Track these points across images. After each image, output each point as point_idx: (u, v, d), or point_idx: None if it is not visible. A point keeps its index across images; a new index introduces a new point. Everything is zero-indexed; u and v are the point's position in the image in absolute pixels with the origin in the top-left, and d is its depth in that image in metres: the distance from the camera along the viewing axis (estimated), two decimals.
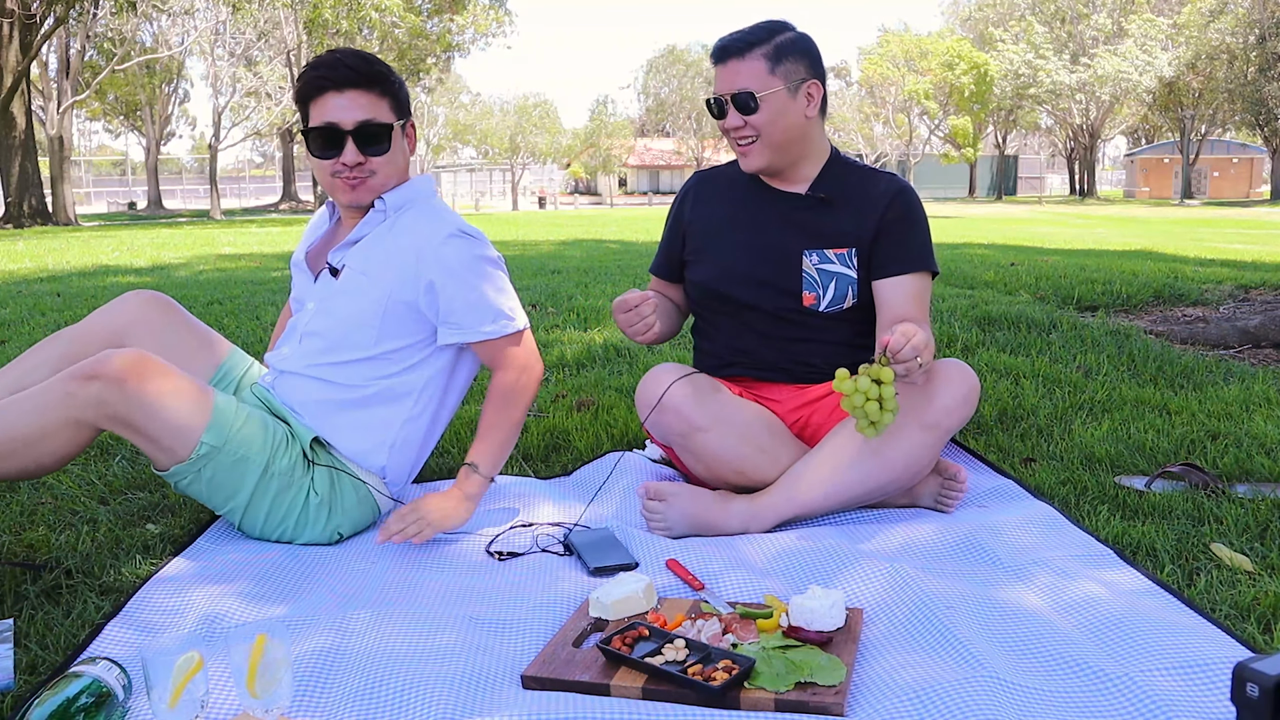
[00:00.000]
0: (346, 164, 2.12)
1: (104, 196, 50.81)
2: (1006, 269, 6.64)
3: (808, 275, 2.28)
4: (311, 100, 2.13)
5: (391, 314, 2.17)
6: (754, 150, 2.25)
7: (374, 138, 2.13)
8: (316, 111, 2.13)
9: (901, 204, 2.31)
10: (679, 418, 2.18)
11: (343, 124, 2.10)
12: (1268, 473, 2.41)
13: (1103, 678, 1.47)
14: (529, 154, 46.13)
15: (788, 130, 2.23)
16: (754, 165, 2.28)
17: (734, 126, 2.23)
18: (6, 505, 2.36)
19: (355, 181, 2.15)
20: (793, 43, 2.22)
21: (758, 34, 2.21)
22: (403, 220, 2.21)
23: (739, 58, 2.20)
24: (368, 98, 2.12)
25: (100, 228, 20.78)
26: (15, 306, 5.90)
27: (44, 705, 1.33)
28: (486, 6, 32.88)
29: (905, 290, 2.25)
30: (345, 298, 2.19)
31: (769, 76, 2.19)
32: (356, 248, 2.21)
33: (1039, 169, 62.84)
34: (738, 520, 2.17)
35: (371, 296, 2.16)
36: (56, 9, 21.35)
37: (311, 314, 2.23)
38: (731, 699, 1.43)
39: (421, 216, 2.22)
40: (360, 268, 2.19)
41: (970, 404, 2.14)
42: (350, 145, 2.11)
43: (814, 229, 2.30)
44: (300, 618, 1.77)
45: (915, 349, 1.90)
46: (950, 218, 23.02)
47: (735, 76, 2.20)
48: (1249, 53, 36.28)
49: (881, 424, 1.93)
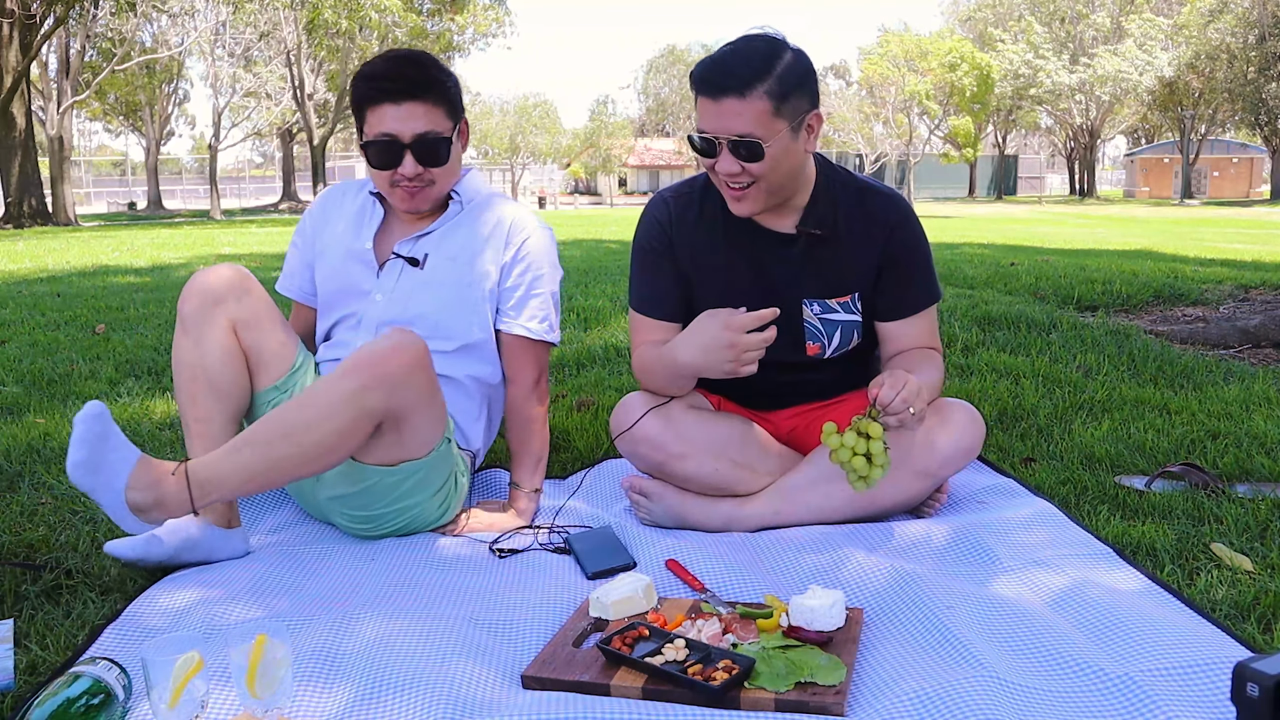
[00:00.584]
0: (406, 175, 2.14)
1: (104, 196, 50.80)
2: (1006, 269, 6.64)
3: (810, 325, 2.15)
4: (368, 109, 2.13)
5: (488, 301, 2.25)
6: (750, 196, 2.00)
7: (432, 149, 2.14)
8: (374, 121, 2.12)
9: (903, 236, 2.13)
10: (653, 448, 2.16)
11: (401, 136, 2.11)
12: (1268, 473, 2.41)
13: (1103, 678, 1.47)
14: (529, 154, 46.10)
15: (789, 172, 2.00)
16: (747, 211, 2.03)
17: (730, 173, 1.95)
18: (6, 505, 2.36)
19: (414, 190, 2.17)
20: (794, 72, 1.92)
21: (758, 66, 1.89)
22: (480, 207, 2.28)
23: (739, 96, 1.88)
24: (424, 107, 2.12)
25: (100, 228, 20.77)
26: (15, 306, 5.90)
27: (44, 705, 1.33)
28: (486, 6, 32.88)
29: (914, 329, 2.17)
30: (437, 288, 2.21)
31: (773, 120, 1.90)
32: (431, 238, 2.24)
33: (1039, 169, 62.83)
34: (720, 520, 2.17)
35: (467, 281, 2.23)
36: (56, 9, 21.36)
37: (384, 305, 2.22)
38: (731, 699, 1.43)
39: (503, 202, 2.32)
40: (449, 254, 2.23)
41: (973, 452, 2.11)
42: (409, 158, 2.12)
43: (812, 275, 2.12)
44: (300, 618, 1.77)
45: (906, 400, 1.83)
46: (950, 218, 23.02)
47: (734, 119, 1.90)
48: (1249, 53, 36.27)
49: (871, 479, 1.88)
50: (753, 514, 2.17)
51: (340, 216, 2.34)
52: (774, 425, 2.30)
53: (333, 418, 1.85)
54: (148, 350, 4.33)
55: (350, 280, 2.27)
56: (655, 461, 2.17)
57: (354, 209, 2.32)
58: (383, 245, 2.27)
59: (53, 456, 2.75)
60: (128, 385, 3.68)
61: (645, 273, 2.22)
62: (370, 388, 1.86)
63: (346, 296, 2.28)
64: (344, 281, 2.28)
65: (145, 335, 4.73)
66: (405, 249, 2.23)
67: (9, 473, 2.62)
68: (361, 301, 2.25)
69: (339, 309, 2.29)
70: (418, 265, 2.22)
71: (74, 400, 3.46)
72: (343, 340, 2.28)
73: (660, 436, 2.14)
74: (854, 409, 2.24)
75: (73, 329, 5.02)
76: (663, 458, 2.16)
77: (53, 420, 3.16)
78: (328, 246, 2.33)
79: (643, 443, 2.16)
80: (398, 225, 2.29)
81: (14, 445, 2.84)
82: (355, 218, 2.31)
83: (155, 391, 3.58)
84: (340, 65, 31.33)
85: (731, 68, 1.90)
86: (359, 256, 2.26)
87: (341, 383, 1.86)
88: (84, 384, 3.71)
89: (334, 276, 2.30)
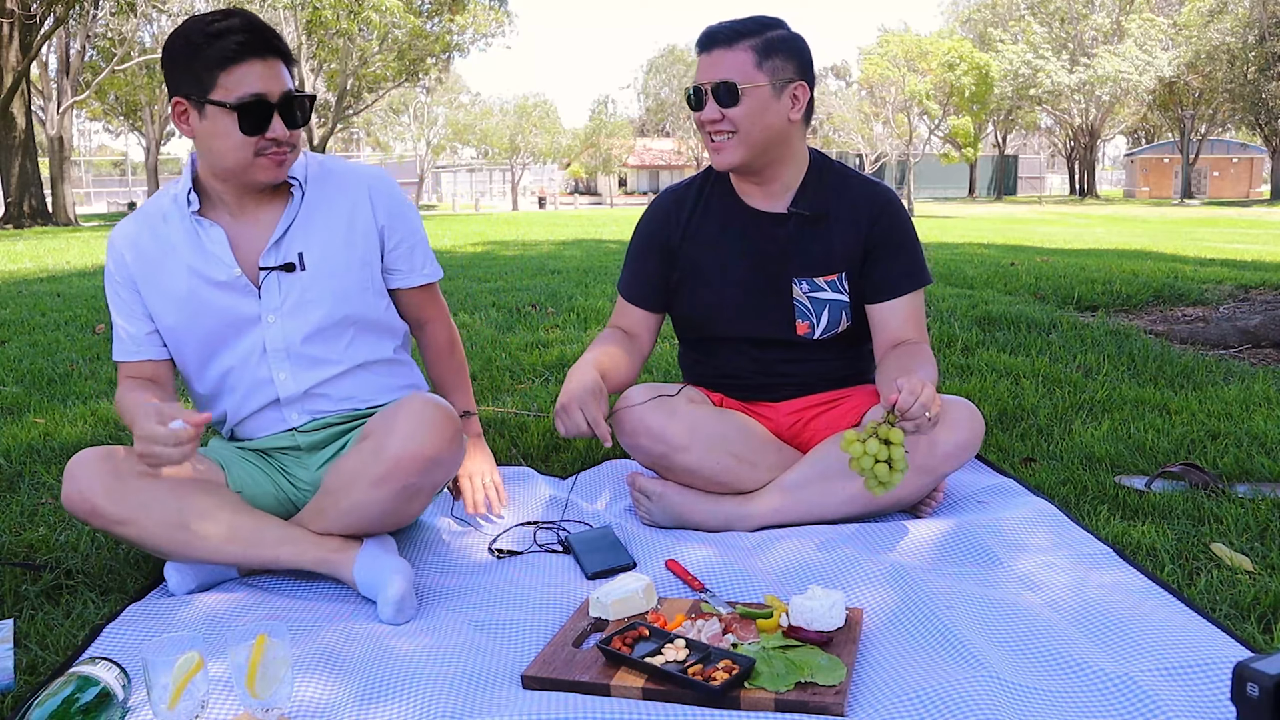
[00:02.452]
0: (277, 138, 1.91)
1: (104, 196, 50.80)
2: (1006, 269, 6.64)
3: (799, 304, 2.21)
4: (221, 71, 1.86)
5: (377, 269, 2.10)
6: (729, 146, 2.10)
7: (300, 108, 1.93)
8: (231, 82, 1.86)
9: (888, 220, 2.20)
10: (654, 440, 2.16)
11: (270, 95, 1.87)
12: (1268, 473, 2.41)
13: (1103, 678, 1.47)
14: (529, 154, 46.08)
15: (767, 130, 2.10)
16: (727, 162, 2.13)
17: (711, 119, 2.09)
18: (6, 505, 2.36)
19: (280, 156, 1.93)
20: (784, 40, 2.10)
21: (748, 25, 2.10)
22: (316, 181, 2.05)
23: (725, 46, 2.07)
24: (284, 65, 1.92)
25: (100, 228, 20.77)
26: (15, 306, 5.90)
27: (44, 705, 1.33)
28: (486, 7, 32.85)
29: (902, 313, 2.19)
30: (328, 280, 2.01)
31: (754, 70, 2.06)
32: (294, 235, 2.00)
33: (1039, 169, 62.81)
34: (721, 520, 2.18)
35: (358, 262, 2.05)
36: (56, 9, 21.35)
37: (281, 324, 2.00)
38: (731, 699, 1.43)
39: (330, 163, 2.10)
40: (322, 242, 2.01)
41: (973, 448, 2.11)
42: (278, 120, 1.89)
43: (802, 254, 2.20)
44: (300, 618, 1.77)
45: (924, 405, 1.84)
46: (950, 218, 23.01)
47: (718, 66, 2.07)
48: (1249, 53, 36.25)
49: (891, 484, 1.88)
50: (753, 513, 2.17)
51: (168, 251, 2.00)
52: (774, 423, 2.30)
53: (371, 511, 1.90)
54: None
55: (229, 313, 2.00)
56: (656, 454, 2.18)
57: (182, 237, 2.00)
58: (255, 260, 2.01)
59: (53, 456, 2.75)
60: None
61: (633, 259, 2.35)
62: (414, 489, 1.89)
63: (229, 332, 2.01)
64: (220, 318, 2.00)
65: None
66: (272, 258, 1.98)
67: (9, 473, 2.62)
68: (253, 331, 2.00)
69: (224, 351, 2.02)
70: (294, 269, 1.99)
71: (74, 400, 3.46)
72: (252, 384, 2.03)
73: (662, 429, 2.15)
74: (853, 408, 2.25)
75: (73, 329, 5.02)
76: (664, 449, 2.16)
77: (53, 420, 3.16)
78: (172, 287, 2.00)
79: (644, 435, 2.16)
80: (239, 239, 2.00)
81: (14, 445, 2.84)
82: (191, 245, 1.99)
83: None
84: (340, 65, 31.31)
85: (726, 24, 2.11)
86: (230, 286, 1.98)
87: (378, 492, 1.87)
88: (84, 384, 3.71)
89: (200, 317, 2.00)
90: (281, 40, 1.92)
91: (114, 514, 1.82)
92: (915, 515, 2.22)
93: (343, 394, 2.07)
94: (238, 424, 2.10)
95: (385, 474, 1.84)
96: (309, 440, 2.08)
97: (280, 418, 2.06)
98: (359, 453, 1.89)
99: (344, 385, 2.07)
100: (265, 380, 2.03)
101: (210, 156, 1.93)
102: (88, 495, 1.81)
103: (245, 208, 2.00)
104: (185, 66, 1.87)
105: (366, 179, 2.10)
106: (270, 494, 2.05)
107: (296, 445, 2.08)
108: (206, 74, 1.85)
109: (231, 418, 2.09)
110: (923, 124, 36.86)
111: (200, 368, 2.06)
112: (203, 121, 1.88)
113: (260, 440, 2.09)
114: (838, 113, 41.63)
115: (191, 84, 1.86)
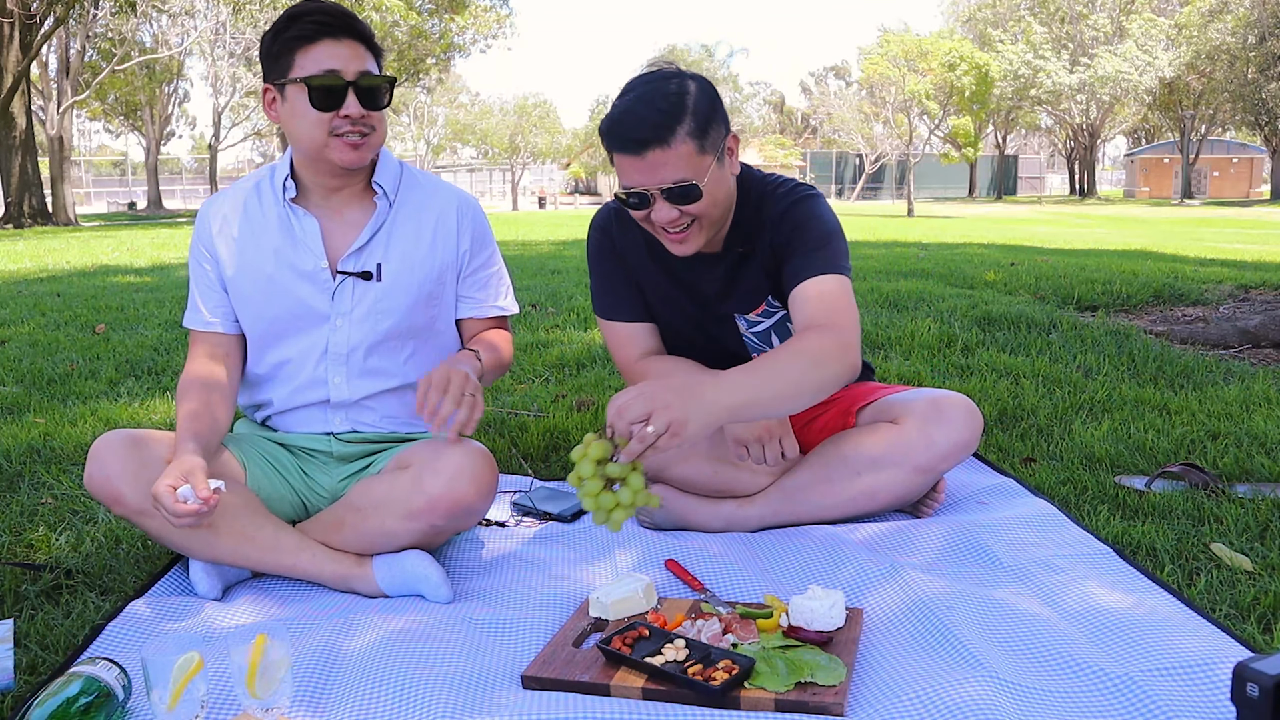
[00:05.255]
0: (351, 116, 1.90)
1: (104, 196, 50.76)
2: (1006, 269, 6.64)
3: (747, 339, 2.20)
4: (299, 50, 1.89)
5: (451, 293, 2.11)
6: (692, 235, 1.95)
7: (375, 90, 1.92)
8: (308, 61, 1.88)
9: (785, 227, 2.04)
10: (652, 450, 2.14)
11: (344, 73, 1.89)
12: (1268, 473, 2.41)
13: (1103, 678, 1.47)
14: (529, 154, 46.09)
15: (725, 201, 1.98)
16: (692, 250, 1.99)
17: (669, 219, 1.90)
18: (6, 505, 2.36)
19: (358, 139, 1.93)
20: (704, 103, 1.87)
21: (671, 109, 1.83)
22: (408, 195, 2.05)
23: (663, 146, 1.82)
24: (363, 47, 1.92)
25: (100, 228, 20.77)
26: (15, 306, 5.90)
27: (44, 705, 1.33)
28: (486, 7, 32.85)
29: (803, 296, 1.97)
30: (400, 296, 2.01)
31: (700, 157, 1.86)
32: (376, 245, 2.01)
33: (1039, 169, 62.80)
34: (721, 521, 2.18)
35: (430, 281, 2.04)
36: (56, 9, 21.33)
37: (346, 330, 2.00)
38: (731, 699, 1.43)
39: (426, 181, 2.10)
40: (400, 257, 2.01)
41: (971, 446, 2.09)
42: (353, 97, 1.89)
43: (737, 292, 2.14)
44: (300, 618, 1.77)
45: (630, 423, 1.55)
46: (950, 218, 23.02)
47: (664, 169, 1.84)
48: (1249, 53, 36.24)
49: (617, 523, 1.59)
50: (753, 514, 2.17)
51: (261, 229, 2.01)
52: None
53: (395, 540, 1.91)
54: (147, 350, 4.33)
55: (303, 305, 2.00)
56: (655, 465, 2.18)
57: (274, 220, 2.01)
58: (336, 262, 2.02)
59: (53, 456, 2.75)
60: (128, 385, 3.68)
61: (603, 279, 2.23)
62: (441, 530, 1.91)
63: (297, 324, 2.01)
64: (293, 307, 2.00)
65: (145, 335, 4.73)
66: (351, 264, 1.99)
67: (9, 473, 2.62)
68: (318, 329, 2.01)
69: (287, 340, 2.03)
70: (372, 279, 1.99)
71: (74, 400, 3.46)
72: (307, 381, 2.04)
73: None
74: (843, 410, 2.24)
75: (73, 329, 5.02)
76: (662, 461, 2.16)
77: (53, 420, 3.16)
78: (255, 265, 2.01)
79: None
80: (326, 236, 2.01)
81: (14, 445, 2.84)
82: (283, 230, 2.01)
83: (155, 391, 3.58)
84: None
85: (646, 118, 1.83)
86: (311, 277, 1.99)
87: (409, 525, 1.88)
88: (84, 384, 3.71)
89: (275, 300, 2.00)
90: (362, 24, 1.93)
91: (138, 505, 1.80)
92: (915, 515, 2.22)
93: (389, 411, 2.08)
94: (278, 415, 2.10)
95: (420, 510, 1.86)
96: (343, 450, 2.08)
97: (323, 419, 2.07)
98: (395, 481, 1.89)
99: (392, 403, 2.08)
100: (320, 380, 2.04)
101: (292, 140, 1.96)
102: (114, 481, 1.81)
103: (332, 204, 2.01)
104: (268, 53, 1.92)
105: (456, 199, 2.11)
106: (285, 497, 2.04)
107: (329, 451, 2.08)
108: (286, 56, 1.89)
109: (275, 407, 2.09)
110: (923, 124, 36.84)
111: (259, 351, 2.06)
112: (284, 104, 1.91)
113: (293, 436, 2.09)
114: (838, 113, 41.63)
115: (274, 69, 1.91)
